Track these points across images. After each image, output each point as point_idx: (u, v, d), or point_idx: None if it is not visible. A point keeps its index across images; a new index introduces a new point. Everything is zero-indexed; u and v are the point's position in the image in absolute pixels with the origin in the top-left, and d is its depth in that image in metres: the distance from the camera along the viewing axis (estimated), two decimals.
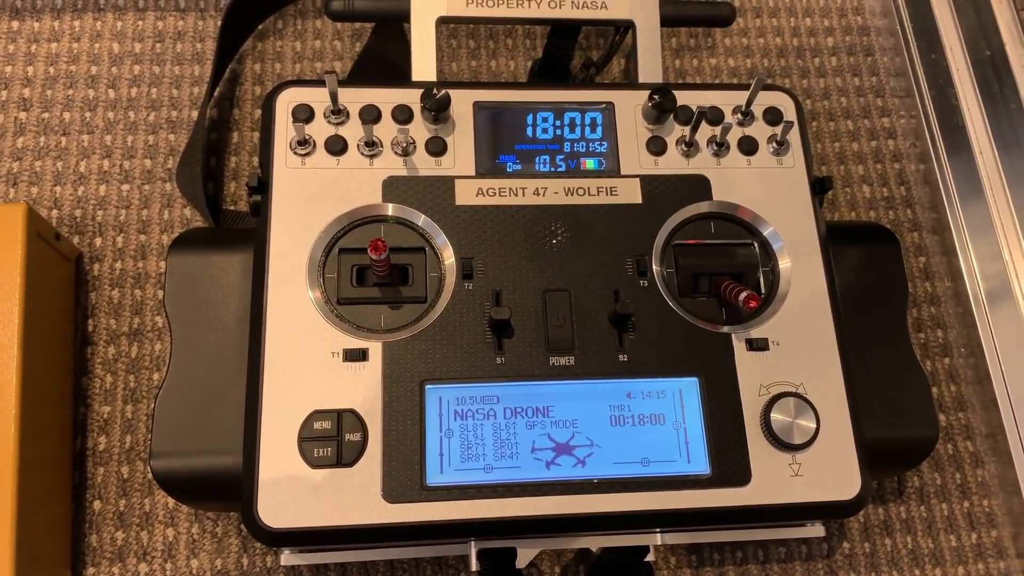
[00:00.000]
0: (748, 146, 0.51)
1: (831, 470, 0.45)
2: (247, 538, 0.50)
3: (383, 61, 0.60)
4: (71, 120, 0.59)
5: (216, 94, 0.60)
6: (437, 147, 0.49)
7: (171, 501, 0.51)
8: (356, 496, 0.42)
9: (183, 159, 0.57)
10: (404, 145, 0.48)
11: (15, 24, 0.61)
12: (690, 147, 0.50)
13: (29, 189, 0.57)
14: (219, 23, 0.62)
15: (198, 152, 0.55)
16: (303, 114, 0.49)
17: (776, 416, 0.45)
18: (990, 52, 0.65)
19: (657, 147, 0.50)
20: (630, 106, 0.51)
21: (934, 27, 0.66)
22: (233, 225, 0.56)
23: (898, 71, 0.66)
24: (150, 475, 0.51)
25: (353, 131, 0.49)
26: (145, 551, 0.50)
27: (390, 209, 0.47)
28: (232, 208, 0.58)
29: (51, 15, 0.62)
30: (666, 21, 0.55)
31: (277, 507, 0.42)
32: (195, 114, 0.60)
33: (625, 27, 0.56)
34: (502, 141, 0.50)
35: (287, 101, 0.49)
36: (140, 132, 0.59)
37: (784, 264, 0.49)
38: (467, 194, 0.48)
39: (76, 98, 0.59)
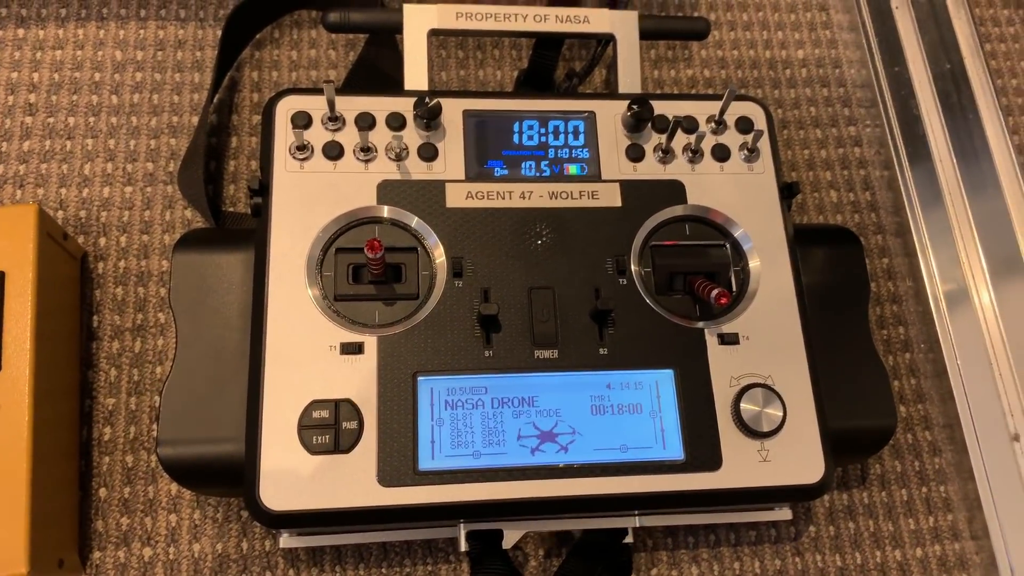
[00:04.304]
0: (721, 153, 0.54)
1: (797, 456, 0.48)
2: (247, 523, 0.53)
3: (376, 70, 0.62)
4: (76, 124, 0.61)
5: (215, 100, 0.62)
6: (429, 153, 0.52)
7: (174, 488, 0.53)
8: (352, 480, 0.44)
9: (184, 163, 0.59)
10: (398, 151, 0.51)
11: (21, 32, 0.63)
12: (667, 154, 0.54)
13: (35, 191, 0.59)
14: (218, 32, 0.65)
15: (199, 156, 0.58)
16: (302, 121, 0.51)
17: (746, 406, 0.48)
18: (950, 65, 0.69)
19: (636, 154, 0.54)
20: (610, 115, 0.54)
21: (897, 42, 0.70)
22: (233, 226, 0.59)
23: (864, 83, 0.70)
24: (154, 464, 0.53)
25: (349, 137, 0.51)
26: (149, 536, 0.52)
27: (384, 211, 0.50)
28: (231, 209, 0.60)
29: (56, 23, 0.64)
30: (645, 35, 0.58)
31: (278, 491, 0.44)
32: (195, 119, 0.62)
33: (606, 40, 0.60)
34: (490, 147, 0.53)
35: (286, 108, 0.51)
36: (142, 136, 0.61)
37: (754, 264, 0.52)
38: (457, 197, 0.51)
39: (80, 103, 0.62)
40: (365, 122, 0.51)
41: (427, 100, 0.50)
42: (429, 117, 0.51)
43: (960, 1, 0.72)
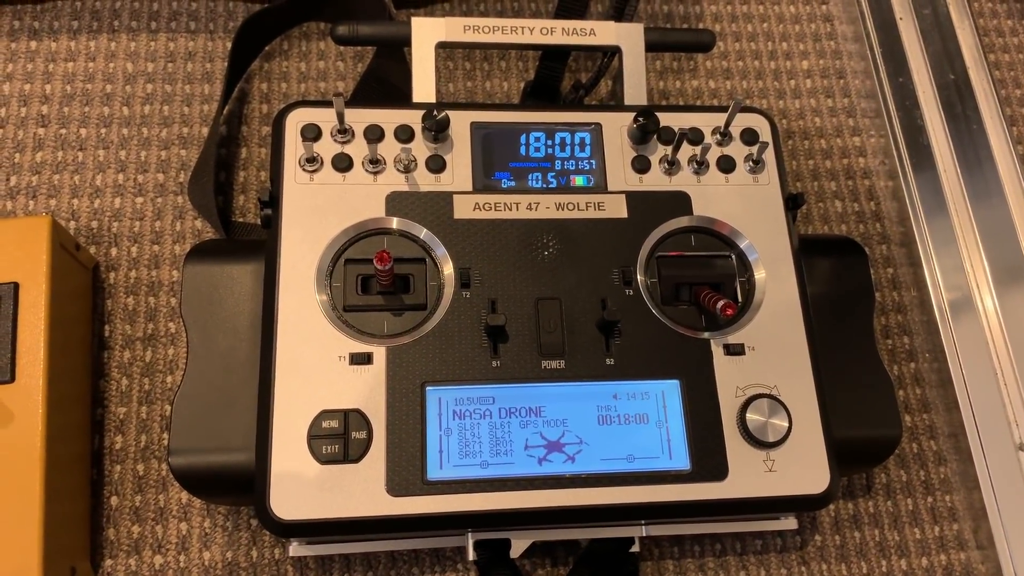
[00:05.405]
0: (726, 165, 0.55)
1: (802, 466, 0.48)
2: (256, 531, 0.53)
3: (384, 82, 0.63)
4: (87, 136, 0.62)
5: (225, 111, 0.63)
6: (437, 164, 0.52)
7: (184, 496, 0.54)
8: (362, 490, 0.45)
9: (195, 173, 0.60)
10: (406, 162, 0.51)
11: (33, 44, 0.64)
12: (672, 165, 0.54)
13: (48, 201, 0.60)
14: (228, 44, 0.65)
15: (209, 167, 0.58)
16: (311, 133, 0.52)
17: (751, 416, 0.48)
18: (954, 76, 0.70)
19: (641, 165, 0.54)
20: (616, 127, 0.55)
21: (902, 52, 0.70)
22: (242, 236, 0.59)
23: (868, 93, 0.71)
24: (164, 472, 0.54)
25: (358, 149, 0.52)
26: (160, 544, 0.53)
27: (393, 222, 0.50)
28: (241, 220, 0.61)
29: (68, 36, 0.65)
30: (650, 47, 0.58)
31: (288, 500, 0.44)
32: (205, 130, 0.63)
33: (612, 52, 0.60)
34: (497, 159, 0.53)
35: (296, 121, 0.52)
36: (153, 147, 0.62)
37: (759, 275, 0.52)
38: (465, 209, 0.51)
39: (92, 115, 0.62)
40: (374, 134, 0.52)
41: (436, 113, 0.51)
42: (437, 129, 0.51)
43: (964, 12, 0.72)
